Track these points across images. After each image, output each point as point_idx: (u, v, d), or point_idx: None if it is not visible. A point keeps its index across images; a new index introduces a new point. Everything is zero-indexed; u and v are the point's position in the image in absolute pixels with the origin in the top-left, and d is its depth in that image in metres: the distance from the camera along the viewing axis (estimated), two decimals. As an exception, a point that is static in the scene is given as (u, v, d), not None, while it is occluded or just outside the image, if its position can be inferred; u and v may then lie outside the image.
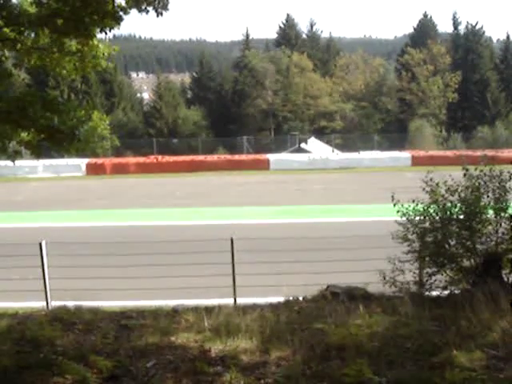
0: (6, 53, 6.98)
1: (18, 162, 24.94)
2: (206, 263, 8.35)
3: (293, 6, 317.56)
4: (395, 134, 44.93)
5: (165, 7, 6.18)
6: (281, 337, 5.92)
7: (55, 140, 6.54)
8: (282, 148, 41.09)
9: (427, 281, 7.60)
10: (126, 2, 6.23)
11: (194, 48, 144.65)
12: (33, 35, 6.70)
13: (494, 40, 69.96)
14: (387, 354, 5.31)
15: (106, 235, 13.76)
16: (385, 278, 7.44)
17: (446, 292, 7.47)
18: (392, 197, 7.57)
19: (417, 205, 7.52)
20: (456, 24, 58.88)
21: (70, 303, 7.84)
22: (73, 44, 6.84)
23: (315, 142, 42.64)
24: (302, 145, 39.73)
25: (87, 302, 7.95)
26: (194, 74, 62.80)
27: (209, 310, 7.11)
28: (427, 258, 7.53)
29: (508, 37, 57.79)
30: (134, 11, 6.30)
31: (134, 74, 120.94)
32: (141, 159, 30.98)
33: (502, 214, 7.39)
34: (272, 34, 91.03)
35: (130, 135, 44.45)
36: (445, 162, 24.04)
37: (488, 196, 7.46)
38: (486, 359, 5.21)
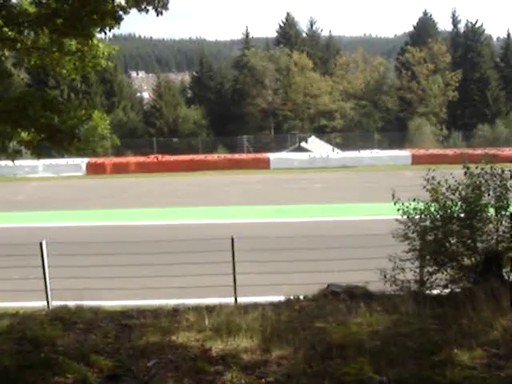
0: (6, 52, 6.97)
1: (18, 162, 24.97)
2: (207, 262, 8.35)
3: (293, 5, 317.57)
4: (395, 132, 44.96)
5: (165, 6, 6.18)
6: (282, 336, 5.91)
7: (55, 139, 6.53)
8: (282, 147, 41.10)
9: (428, 279, 7.60)
10: (126, 2, 6.21)
11: (193, 47, 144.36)
12: (32, 35, 6.69)
13: (494, 38, 69.98)
14: (388, 353, 5.31)
15: (107, 234, 13.77)
16: (385, 277, 7.44)
17: (447, 290, 7.47)
18: (393, 195, 7.57)
19: (417, 203, 7.52)
20: (456, 22, 58.90)
21: (71, 303, 7.84)
22: (73, 44, 6.83)
23: (315, 140, 42.63)
24: (302, 144, 39.72)
25: (88, 301, 7.95)
26: (194, 73, 62.77)
27: (209, 309, 7.11)
28: (428, 257, 7.53)
29: (508, 35, 57.74)
30: (133, 10, 6.30)
31: (133, 74, 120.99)
32: (141, 158, 31.00)
33: (503, 213, 7.39)
34: (272, 32, 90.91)
35: (130, 135, 44.40)
36: (445, 160, 24.07)
37: (489, 194, 7.46)
38: (486, 357, 5.21)
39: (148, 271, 9.29)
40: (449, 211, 7.37)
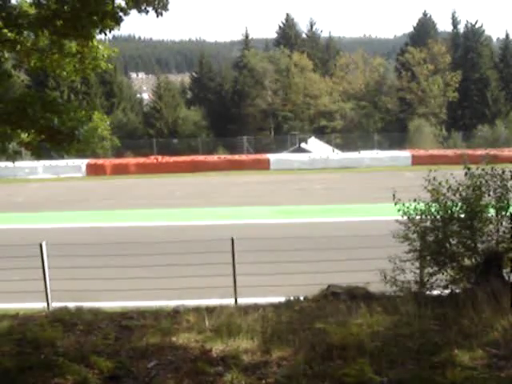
0: (6, 54, 6.98)
1: (18, 163, 24.98)
2: (207, 263, 8.34)
3: (292, 6, 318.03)
4: (395, 133, 44.98)
5: (164, 7, 6.18)
6: (282, 337, 5.91)
7: (55, 141, 6.54)
8: (282, 148, 41.09)
9: (428, 280, 7.59)
10: (126, 3, 6.21)
11: (193, 48, 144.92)
12: (32, 36, 6.70)
13: (494, 39, 69.93)
14: (388, 354, 5.31)
15: (107, 236, 13.79)
16: (386, 278, 7.43)
17: (447, 291, 7.46)
18: (393, 196, 7.56)
19: (418, 204, 7.52)
20: (455, 23, 58.97)
21: (71, 304, 7.84)
22: (73, 45, 6.84)
23: (315, 141, 42.64)
24: (302, 144, 39.73)
25: (88, 302, 7.95)
26: (194, 74, 62.83)
27: (210, 310, 7.11)
28: (428, 257, 7.52)
29: (507, 36, 57.77)
30: (133, 12, 6.30)
31: (133, 75, 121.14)
32: (141, 160, 30.99)
33: (503, 213, 7.38)
34: (272, 33, 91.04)
35: (129, 136, 44.44)
36: (445, 160, 24.00)
37: (489, 195, 7.45)
38: (487, 358, 5.21)
39: (148, 272, 9.29)
40: (449, 212, 7.37)
